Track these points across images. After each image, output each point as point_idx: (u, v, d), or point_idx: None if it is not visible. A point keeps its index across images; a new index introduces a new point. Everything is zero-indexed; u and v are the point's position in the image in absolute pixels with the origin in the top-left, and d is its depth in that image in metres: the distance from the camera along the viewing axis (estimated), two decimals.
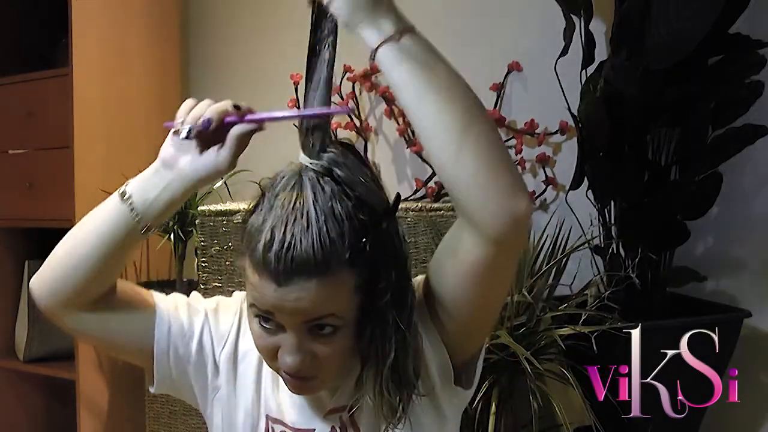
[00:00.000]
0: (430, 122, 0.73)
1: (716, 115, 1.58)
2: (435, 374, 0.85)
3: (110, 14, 2.24)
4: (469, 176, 0.71)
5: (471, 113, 0.73)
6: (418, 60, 0.75)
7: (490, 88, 1.99)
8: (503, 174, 0.72)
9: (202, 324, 0.92)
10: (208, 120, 0.80)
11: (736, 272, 1.76)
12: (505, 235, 0.72)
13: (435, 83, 0.74)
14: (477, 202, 0.72)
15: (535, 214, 1.98)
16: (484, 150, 0.72)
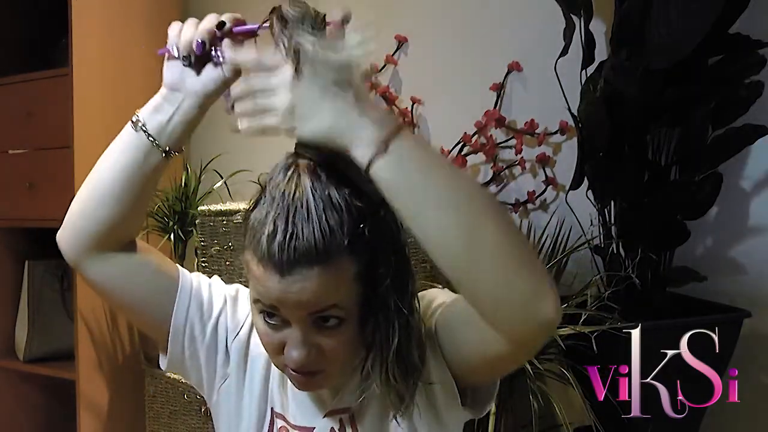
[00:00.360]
0: (433, 238, 0.70)
1: (716, 115, 1.58)
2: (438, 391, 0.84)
3: (110, 14, 2.24)
4: (485, 291, 0.69)
5: (476, 219, 0.68)
6: (408, 170, 0.70)
7: (490, 88, 1.99)
8: (523, 280, 0.68)
9: (221, 308, 0.92)
10: (201, 43, 0.80)
11: (736, 272, 1.76)
12: (530, 340, 0.71)
13: (431, 193, 0.69)
14: (498, 313, 0.69)
15: (535, 214, 1.98)
16: (497, 258, 0.68)
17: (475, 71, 2.04)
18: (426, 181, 0.69)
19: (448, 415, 0.86)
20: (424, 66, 2.11)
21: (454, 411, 0.85)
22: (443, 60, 2.09)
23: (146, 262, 0.89)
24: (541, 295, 0.68)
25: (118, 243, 0.86)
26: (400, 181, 0.69)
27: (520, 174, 1.99)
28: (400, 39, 2.11)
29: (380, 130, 0.69)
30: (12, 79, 2.28)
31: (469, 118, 1.95)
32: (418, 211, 0.70)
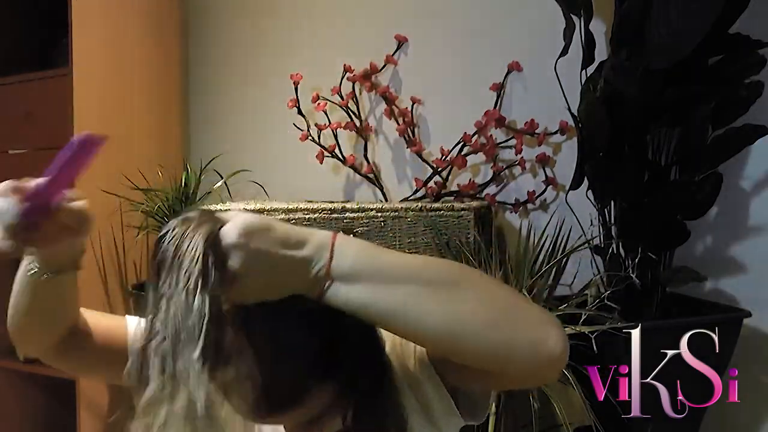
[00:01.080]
0: (414, 335, 0.68)
1: (716, 115, 1.58)
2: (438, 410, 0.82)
3: (110, 14, 2.24)
4: (486, 360, 0.66)
5: (449, 303, 0.65)
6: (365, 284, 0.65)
7: (490, 88, 1.99)
8: (520, 335, 0.66)
9: None
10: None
11: (736, 272, 1.76)
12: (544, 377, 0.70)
13: (391, 299, 0.65)
14: (505, 372, 0.68)
15: (535, 214, 1.98)
16: (486, 329, 0.65)
17: (475, 71, 2.04)
18: (383, 290, 0.65)
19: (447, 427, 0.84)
20: (424, 66, 2.11)
21: (453, 420, 0.84)
22: (443, 60, 2.09)
23: (93, 344, 0.89)
24: (543, 339, 0.66)
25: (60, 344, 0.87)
26: (354, 301, 0.65)
27: (520, 174, 1.99)
28: (400, 39, 2.11)
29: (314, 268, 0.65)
30: (12, 79, 2.28)
31: (469, 118, 1.96)
32: (388, 321, 0.67)
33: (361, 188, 2.22)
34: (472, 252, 1.64)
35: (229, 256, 0.63)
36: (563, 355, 0.66)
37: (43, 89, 2.22)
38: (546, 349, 0.65)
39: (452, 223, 1.69)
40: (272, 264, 0.64)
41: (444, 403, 0.80)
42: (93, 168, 0.90)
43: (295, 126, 2.14)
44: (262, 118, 2.36)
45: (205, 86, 2.50)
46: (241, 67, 2.42)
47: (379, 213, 1.74)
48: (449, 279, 0.68)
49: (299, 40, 2.32)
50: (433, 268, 0.69)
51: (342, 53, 2.16)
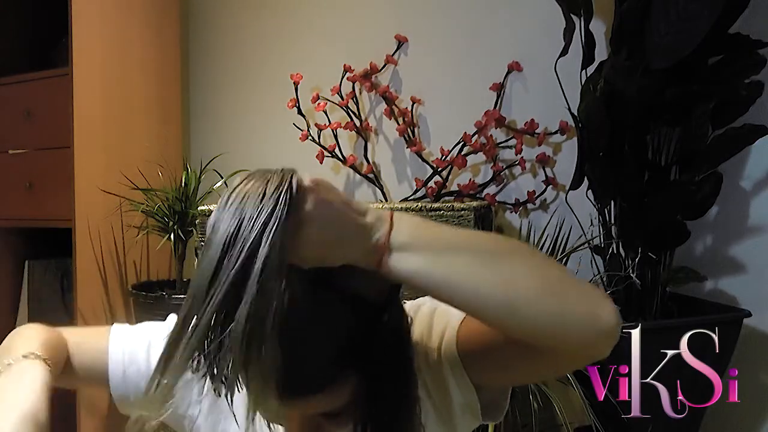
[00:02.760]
0: (471, 308, 0.67)
1: (716, 115, 1.58)
2: (457, 409, 0.81)
3: (110, 14, 2.25)
4: (543, 334, 0.66)
5: (503, 275, 0.66)
6: (417, 256, 0.65)
7: (490, 88, 1.99)
8: (574, 304, 0.65)
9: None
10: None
11: (736, 272, 1.76)
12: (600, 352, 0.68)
13: (449, 269, 0.66)
14: (563, 347, 0.67)
15: (535, 214, 1.98)
16: (541, 301, 0.65)
17: (475, 71, 2.04)
18: (439, 259, 0.66)
19: (463, 425, 0.83)
20: (424, 66, 2.11)
21: (471, 422, 0.83)
22: (443, 60, 2.09)
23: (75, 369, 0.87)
24: (598, 309, 0.65)
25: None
26: (413, 270, 0.65)
27: (520, 174, 1.99)
28: (400, 39, 2.11)
29: (374, 236, 0.65)
30: (12, 79, 2.28)
31: (469, 118, 1.95)
32: (444, 290, 0.66)
33: (361, 188, 2.22)
34: None
35: (303, 199, 0.63)
36: (617, 327, 0.66)
37: (43, 89, 2.22)
38: (601, 319, 0.65)
39: (452, 223, 1.69)
40: (339, 219, 0.64)
41: (467, 397, 0.79)
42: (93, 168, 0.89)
43: (295, 126, 2.14)
44: (262, 118, 2.36)
45: (205, 86, 2.50)
46: (241, 67, 2.43)
47: None
48: (503, 249, 0.68)
49: (299, 40, 2.32)
50: (486, 239, 0.71)
51: (342, 53, 2.16)
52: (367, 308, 0.70)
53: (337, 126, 2.11)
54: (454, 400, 0.80)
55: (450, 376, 0.79)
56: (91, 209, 2.11)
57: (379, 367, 0.72)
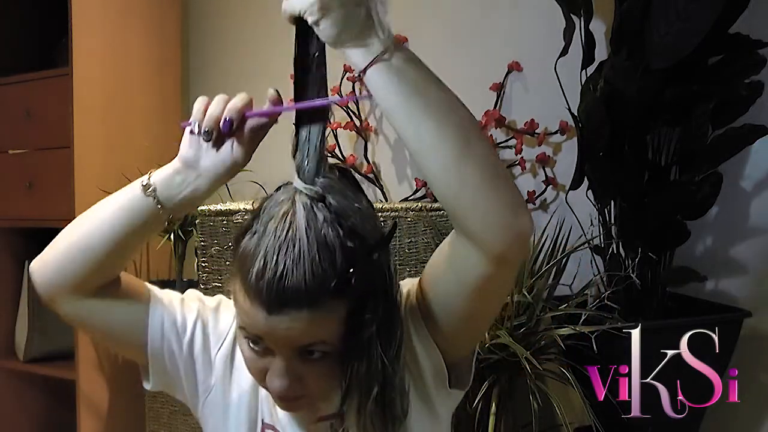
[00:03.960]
0: (426, 146, 0.72)
1: (716, 115, 1.58)
2: (430, 380, 0.84)
3: (110, 14, 2.25)
4: (470, 197, 0.70)
5: (467, 134, 0.72)
6: (409, 81, 0.73)
7: (490, 88, 1.99)
8: (504, 192, 0.71)
9: (194, 321, 0.91)
10: (229, 121, 0.79)
11: (736, 272, 1.76)
12: (509, 252, 0.71)
13: (428, 105, 0.72)
14: (479, 221, 0.71)
15: (535, 213, 1.98)
16: (483, 169, 0.71)
17: (475, 71, 2.03)
18: (421, 95, 0.72)
19: (439, 401, 0.86)
20: None
21: (443, 394, 0.86)
22: (443, 60, 2.09)
23: (116, 296, 0.89)
24: (520, 207, 0.71)
25: (97, 288, 0.87)
26: (398, 87, 0.72)
27: (520, 174, 1.99)
28: (400, 39, 2.11)
29: (387, 42, 0.73)
30: (12, 79, 2.28)
31: None
32: (413, 119, 0.72)
33: None
34: None
35: None
36: (529, 233, 0.72)
37: (43, 89, 2.22)
38: (520, 216, 0.71)
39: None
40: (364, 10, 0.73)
41: (433, 359, 0.83)
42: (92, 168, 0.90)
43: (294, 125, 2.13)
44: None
45: (205, 86, 2.50)
46: (241, 66, 2.43)
47: (379, 213, 1.74)
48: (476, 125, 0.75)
49: None
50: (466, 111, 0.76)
51: (342, 53, 2.16)
52: (361, 242, 0.74)
53: (337, 126, 2.11)
54: (423, 366, 0.83)
55: (417, 341, 0.83)
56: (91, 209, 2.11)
57: (365, 302, 0.75)
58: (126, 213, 0.83)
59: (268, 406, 0.91)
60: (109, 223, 0.84)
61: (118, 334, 0.91)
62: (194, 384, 0.92)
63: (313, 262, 0.72)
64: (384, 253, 0.78)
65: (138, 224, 0.83)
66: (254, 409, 0.91)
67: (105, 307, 0.88)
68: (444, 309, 0.81)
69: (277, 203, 0.76)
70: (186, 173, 0.82)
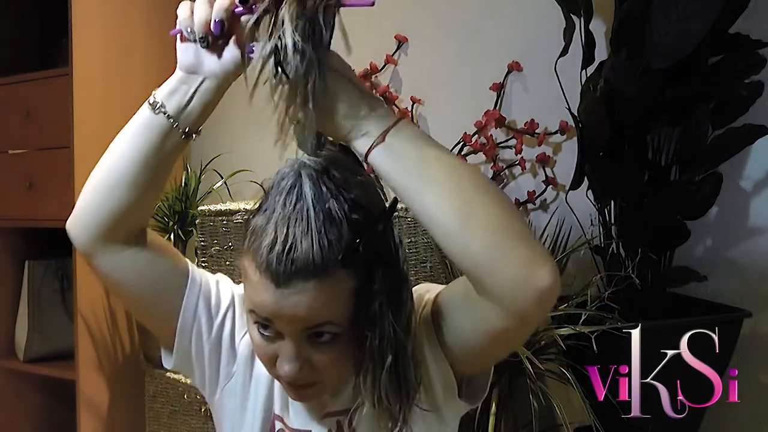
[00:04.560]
0: (429, 218, 0.72)
1: (716, 115, 1.58)
2: (439, 389, 0.84)
3: (110, 14, 2.25)
4: (480, 261, 0.69)
5: (470, 201, 0.71)
6: (407, 157, 0.73)
7: (490, 88, 1.99)
8: (517, 251, 0.69)
9: (227, 306, 0.91)
10: (219, 22, 0.76)
11: (736, 272, 1.76)
12: (528, 310, 0.70)
13: (426, 180, 0.72)
14: (494, 283, 0.70)
15: (535, 214, 1.98)
16: (490, 233, 0.69)
17: (475, 71, 2.03)
18: (421, 168, 0.72)
19: (447, 408, 0.86)
20: (424, 66, 2.11)
21: (452, 403, 0.85)
22: (443, 60, 2.09)
23: (157, 257, 0.88)
24: (537, 263, 0.68)
25: (130, 232, 0.85)
26: (396, 166, 0.72)
27: (520, 174, 1.99)
28: (400, 39, 2.11)
29: (383, 122, 0.73)
30: (12, 79, 2.28)
31: (469, 118, 1.95)
32: (415, 192, 0.72)
33: None
34: None
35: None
36: (551, 288, 0.68)
37: (43, 89, 2.22)
38: (539, 273, 0.68)
39: None
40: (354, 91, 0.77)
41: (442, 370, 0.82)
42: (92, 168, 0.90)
43: None
44: (262, 118, 2.35)
45: None
46: None
47: None
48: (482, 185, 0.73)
49: None
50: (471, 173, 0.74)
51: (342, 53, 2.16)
52: (365, 213, 0.77)
53: None
54: (433, 375, 0.83)
55: (428, 351, 0.82)
56: None
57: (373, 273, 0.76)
58: (141, 138, 0.81)
59: (280, 397, 0.91)
60: (128, 154, 0.82)
61: (152, 300, 0.88)
62: (216, 369, 0.91)
63: (320, 234, 0.73)
64: (388, 224, 0.79)
65: (156, 146, 0.80)
66: (269, 399, 0.91)
67: (145, 263, 0.86)
68: (454, 338, 0.81)
69: (283, 176, 0.78)
70: (190, 80, 0.80)
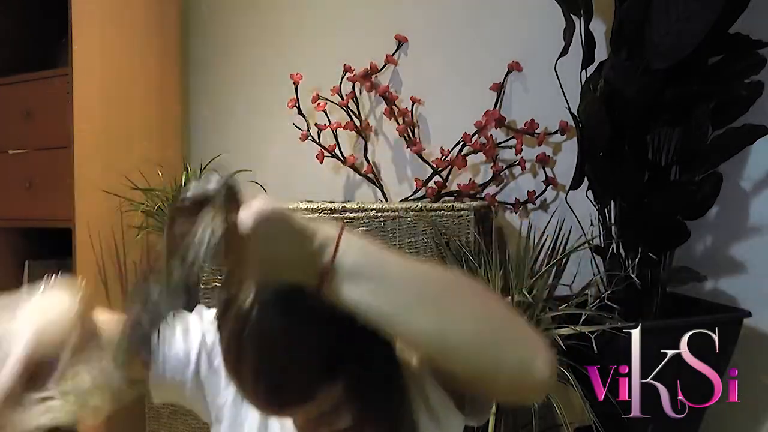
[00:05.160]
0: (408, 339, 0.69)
1: (716, 115, 1.58)
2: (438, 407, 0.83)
3: (110, 14, 2.25)
4: (474, 372, 0.67)
5: (446, 311, 0.67)
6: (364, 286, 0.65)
7: (490, 88, 1.99)
8: (509, 353, 0.67)
9: (198, 350, 0.88)
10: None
11: (736, 272, 1.76)
12: (527, 399, 0.71)
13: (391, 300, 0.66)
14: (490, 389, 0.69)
15: (535, 213, 1.98)
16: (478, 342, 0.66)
17: (475, 71, 2.03)
18: (380, 294, 0.66)
19: (448, 422, 0.85)
20: (424, 66, 2.11)
21: (455, 419, 0.84)
22: (443, 60, 2.09)
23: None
24: (531, 361, 0.67)
25: None
26: (352, 300, 0.65)
27: (520, 174, 1.99)
28: (400, 39, 2.11)
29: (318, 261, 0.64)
30: (12, 79, 2.28)
31: (469, 118, 1.95)
32: (383, 322, 0.66)
33: (361, 188, 2.22)
34: (472, 252, 1.64)
35: (245, 242, 0.63)
36: (549, 380, 0.67)
37: (43, 89, 2.22)
38: (532, 372, 0.66)
39: (452, 223, 1.69)
40: (283, 239, 0.64)
41: (442, 401, 0.81)
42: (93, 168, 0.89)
43: (295, 126, 2.13)
44: (262, 118, 2.36)
45: (205, 86, 2.50)
46: (241, 66, 2.42)
47: (379, 213, 1.74)
48: (449, 288, 0.69)
49: (299, 39, 2.32)
50: (434, 276, 0.70)
51: (342, 53, 2.16)
52: (339, 312, 0.68)
53: (337, 126, 2.11)
54: (433, 401, 0.82)
55: (426, 377, 0.81)
56: (91, 209, 2.11)
57: (363, 365, 0.73)
58: None
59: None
60: None
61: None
62: (204, 406, 0.90)
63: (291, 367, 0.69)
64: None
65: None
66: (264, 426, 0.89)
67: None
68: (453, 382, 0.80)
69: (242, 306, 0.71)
70: None
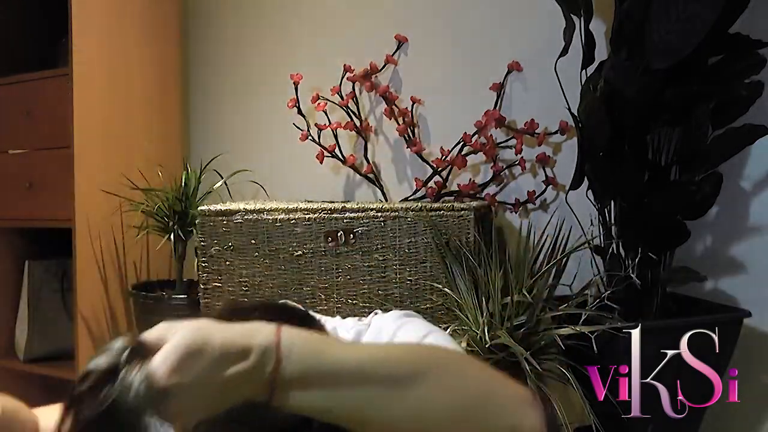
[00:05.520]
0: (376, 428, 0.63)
1: (716, 115, 1.58)
2: None
3: (110, 14, 2.25)
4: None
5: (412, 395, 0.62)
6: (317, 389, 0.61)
7: (490, 88, 1.99)
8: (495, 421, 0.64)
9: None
10: None
11: (736, 272, 1.76)
12: None
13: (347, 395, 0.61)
14: None
15: (535, 213, 1.98)
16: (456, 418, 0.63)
17: (475, 71, 2.04)
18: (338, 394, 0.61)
19: None
20: (424, 66, 2.11)
21: None
22: (443, 60, 2.09)
23: None
24: (519, 424, 0.64)
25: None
26: (309, 407, 0.61)
27: (520, 174, 1.99)
28: (400, 39, 2.11)
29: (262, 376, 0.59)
30: (12, 79, 2.28)
31: (469, 118, 1.95)
32: (347, 422, 0.62)
33: (361, 188, 2.22)
34: (472, 252, 1.64)
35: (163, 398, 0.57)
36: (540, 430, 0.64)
37: (43, 89, 2.23)
38: (524, 429, 0.63)
39: (452, 223, 1.69)
40: (213, 387, 0.59)
41: None
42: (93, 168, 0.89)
43: (295, 126, 2.13)
44: (262, 118, 2.36)
45: (205, 86, 2.50)
46: (241, 67, 2.42)
47: (379, 213, 1.74)
48: (412, 371, 0.63)
49: (299, 40, 2.32)
50: (392, 362, 0.64)
51: (342, 53, 2.16)
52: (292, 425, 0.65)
53: (337, 126, 2.11)
54: None
55: None
56: (91, 209, 2.11)
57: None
58: None
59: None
60: None
61: None
62: None
63: None
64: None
65: None
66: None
67: None
68: None
69: None
70: None
